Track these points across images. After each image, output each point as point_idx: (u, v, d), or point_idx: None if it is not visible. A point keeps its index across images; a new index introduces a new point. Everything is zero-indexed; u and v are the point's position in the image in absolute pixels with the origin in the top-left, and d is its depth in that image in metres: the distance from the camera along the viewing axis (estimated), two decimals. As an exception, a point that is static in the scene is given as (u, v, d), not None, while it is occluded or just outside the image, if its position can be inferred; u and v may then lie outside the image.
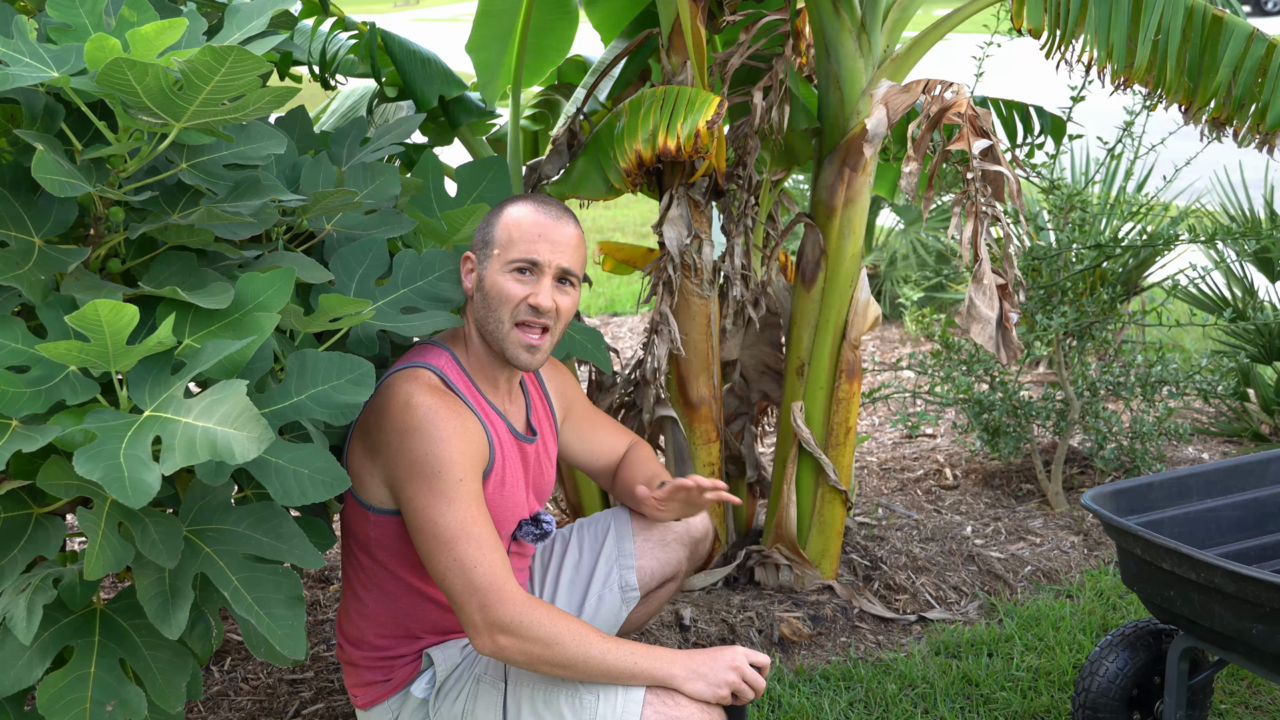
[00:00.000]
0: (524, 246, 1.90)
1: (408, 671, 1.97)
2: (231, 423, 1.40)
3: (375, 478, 1.85)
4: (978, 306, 2.57)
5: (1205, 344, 4.97)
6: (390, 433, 1.81)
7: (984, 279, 2.57)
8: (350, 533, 1.95)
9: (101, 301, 1.42)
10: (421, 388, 1.83)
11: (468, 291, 1.97)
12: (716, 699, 1.74)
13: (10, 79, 1.50)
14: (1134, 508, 2.40)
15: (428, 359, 1.91)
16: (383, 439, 1.82)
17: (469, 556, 1.73)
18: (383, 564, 1.92)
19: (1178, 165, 4.09)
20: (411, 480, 1.77)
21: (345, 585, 2.00)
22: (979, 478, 3.99)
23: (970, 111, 2.58)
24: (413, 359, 1.91)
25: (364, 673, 1.97)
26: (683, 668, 1.75)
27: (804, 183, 5.41)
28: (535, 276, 1.91)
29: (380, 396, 1.85)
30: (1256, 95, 2.69)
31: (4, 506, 1.61)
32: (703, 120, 2.56)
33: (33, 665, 1.59)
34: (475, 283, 1.96)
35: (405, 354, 1.96)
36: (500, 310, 1.90)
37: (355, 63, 2.95)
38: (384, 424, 1.82)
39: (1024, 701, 2.69)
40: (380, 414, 1.83)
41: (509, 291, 1.90)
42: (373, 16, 3.80)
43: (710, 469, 3.10)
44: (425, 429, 1.78)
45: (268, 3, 1.73)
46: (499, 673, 1.93)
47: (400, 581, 1.93)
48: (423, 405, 1.80)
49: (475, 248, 1.97)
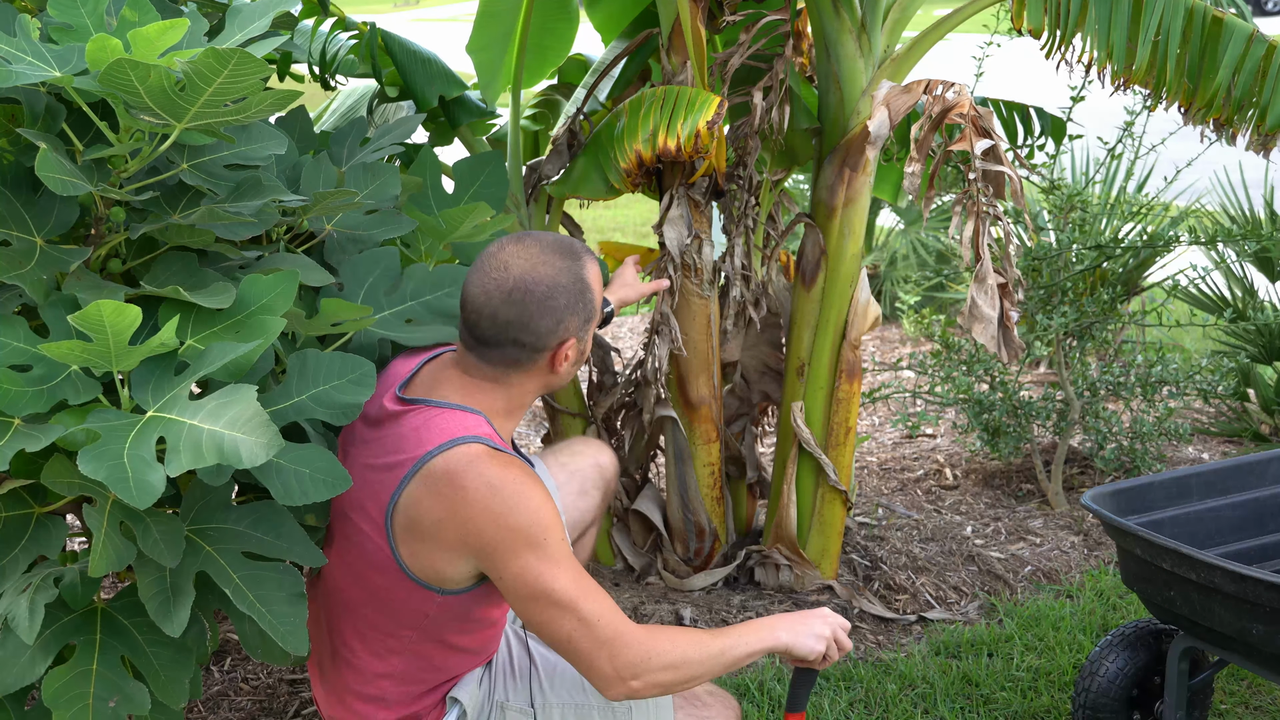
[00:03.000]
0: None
1: (433, 718, 1.93)
2: (240, 427, 1.40)
3: (460, 567, 1.73)
4: (979, 306, 2.57)
5: (1205, 344, 4.97)
6: (482, 519, 1.67)
7: (985, 279, 2.58)
8: (394, 613, 1.81)
9: (104, 302, 1.42)
10: (490, 463, 1.70)
11: (561, 374, 1.82)
12: (818, 655, 1.78)
13: (12, 77, 1.50)
14: (1134, 508, 2.40)
15: (469, 430, 1.73)
16: (471, 528, 1.68)
17: (590, 613, 1.68)
18: (432, 635, 1.83)
19: (1178, 166, 4.09)
20: (517, 555, 1.67)
21: (358, 654, 1.86)
22: (979, 478, 3.99)
23: (973, 112, 2.59)
24: (451, 435, 1.72)
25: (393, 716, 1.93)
26: (787, 630, 1.77)
27: (804, 183, 5.41)
28: None
29: (447, 488, 1.69)
30: (1256, 96, 2.69)
31: (6, 506, 1.61)
32: (703, 120, 2.56)
33: (34, 663, 1.59)
34: (575, 358, 1.83)
35: (432, 419, 1.75)
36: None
37: (355, 63, 2.95)
38: (466, 513, 1.68)
39: (1024, 701, 2.69)
40: (455, 505, 1.69)
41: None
42: (373, 16, 3.80)
43: (710, 469, 3.10)
44: (520, 504, 1.68)
45: (269, 4, 1.73)
46: (524, 699, 1.92)
47: (445, 645, 1.85)
48: (505, 479, 1.69)
49: (578, 330, 1.80)
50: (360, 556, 1.79)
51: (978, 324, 2.57)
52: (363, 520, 1.77)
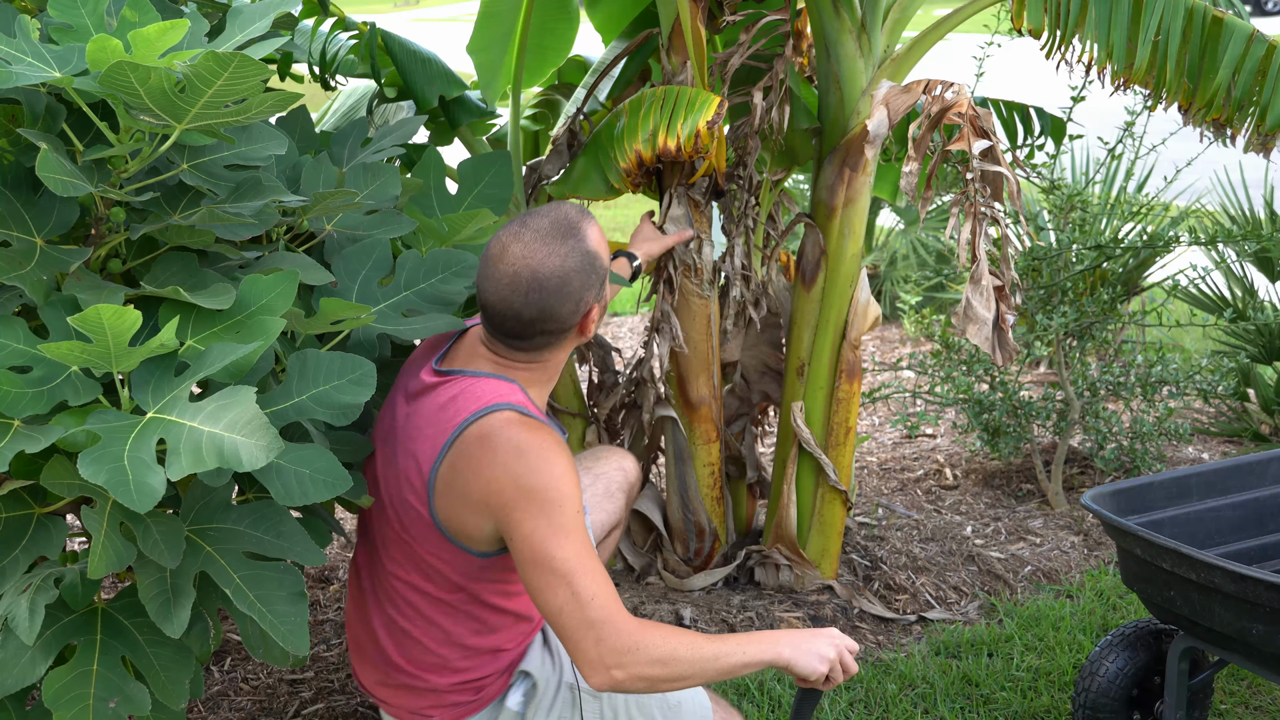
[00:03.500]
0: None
1: (497, 687, 1.94)
2: (240, 429, 1.40)
3: (484, 527, 1.78)
4: (974, 307, 2.58)
5: (1205, 344, 4.97)
6: (503, 478, 1.73)
7: (981, 280, 2.58)
8: (441, 577, 1.86)
9: (104, 305, 1.42)
10: (520, 427, 1.76)
11: (587, 337, 1.90)
12: (821, 675, 1.75)
13: (12, 78, 1.50)
14: (1134, 508, 2.40)
15: (503, 398, 1.79)
16: (493, 486, 1.74)
17: (586, 590, 1.68)
18: (476, 597, 1.87)
19: (1178, 166, 4.09)
20: (530, 517, 1.71)
21: (415, 623, 1.90)
22: (979, 478, 3.99)
23: (971, 112, 2.59)
24: (487, 402, 1.79)
25: (447, 695, 1.92)
26: (790, 646, 1.75)
27: (804, 183, 5.41)
28: None
29: (477, 449, 1.75)
30: (1256, 96, 2.69)
31: (6, 507, 1.61)
32: (703, 120, 2.56)
33: (35, 664, 1.59)
34: (600, 314, 1.90)
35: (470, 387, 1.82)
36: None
37: (355, 63, 2.95)
38: (490, 473, 1.74)
39: (1024, 701, 2.69)
40: (481, 464, 1.75)
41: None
42: (373, 16, 3.80)
43: (710, 469, 3.10)
44: (541, 467, 1.73)
45: (270, 4, 1.73)
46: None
47: (490, 608, 1.89)
48: (532, 443, 1.74)
49: (597, 295, 1.86)
50: (407, 524, 1.84)
51: (972, 325, 2.57)
52: (408, 490, 1.83)
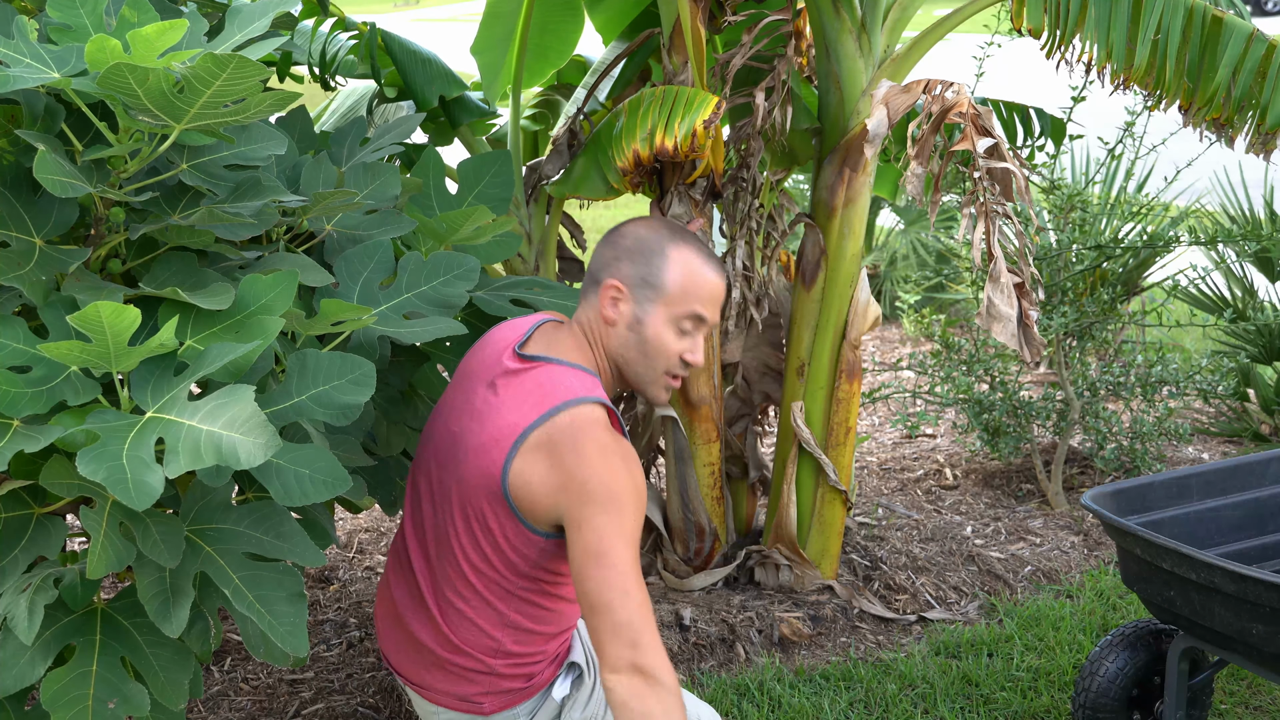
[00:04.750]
0: (699, 306, 1.87)
1: (547, 675, 1.96)
2: (238, 428, 1.40)
3: (552, 510, 1.80)
4: (997, 305, 2.55)
5: (1205, 344, 4.97)
6: (586, 473, 1.75)
7: (1000, 277, 2.56)
8: (502, 556, 1.87)
9: (103, 303, 1.42)
10: (607, 431, 1.79)
11: (609, 320, 1.88)
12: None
13: (11, 80, 1.50)
14: (1134, 508, 2.40)
15: (590, 392, 1.82)
16: (576, 476, 1.76)
17: (636, 593, 1.71)
18: (537, 581, 1.89)
19: (1178, 166, 4.09)
20: (600, 514, 1.73)
21: (467, 601, 1.91)
22: (979, 478, 3.99)
23: (972, 111, 2.58)
24: (584, 390, 1.81)
25: (502, 680, 1.93)
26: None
27: (804, 183, 5.41)
28: (695, 332, 1.89)
29: (568, 437, 1.77)
30: (1256, 96, 2.69)
31: (5, 506, 1.61)
32: (700, 120, 2.56)
33: (34, 664, 1.59)
34: (627, 320, 1.88)
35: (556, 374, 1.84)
36: (657, 361, 1.89)
37: (355, 63, 2.95)
38: (574, 463, 1.76)
39: (1024, 701, 2.69)
40: (570, 457, 1.77)
41: (671, 346, 1.88)
42: (373, 16, 3.80)
43: (711, 469, 3.10)
44: (621, 474, 1.76)
45: (269, 4, 1.73)
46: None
47: (554, 597, 1.92)
48: (618, 448, 1.78)
49: (630, 282, 1.86)
50: (471, 499, 1.85)
51: (996, 323, 2.54)
52: (486, 461, 1.82)
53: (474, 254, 2.18)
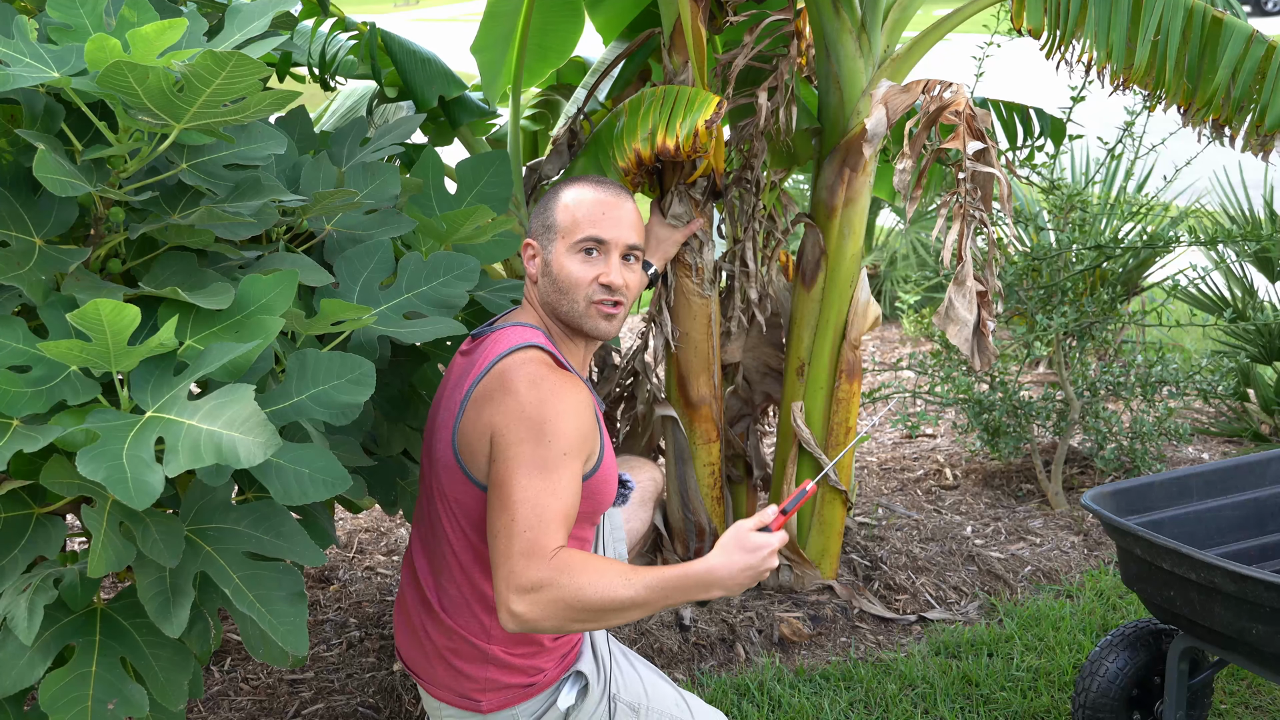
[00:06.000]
0: (588, 226, 1.91)
1: (550, 676, 1.96)
2: (238, 427, 1.40)
3: (485, 453, 1.82)
4: (956, 308, 2.58)
5: (1205, 344, 4.97)
6: (510, 404, 1.78)
7: (965, 282, 2.58)
8: (470, 523, 1.88)
9: (103, 301, 1.42)
10: (540, 365, 1.83)
11: (532, 277, 1.97)
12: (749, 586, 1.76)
13: (11, 80, 1.50)
14: (1134, 508, 2.40)
15: (526, 339, 1.87)
16: (501, 409, 1.78)
17: (521, 522, 1.69)
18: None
19: (1178, 166, 4.09)
20: (516, 442, 1.74)
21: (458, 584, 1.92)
22: (979, 478, 3.99)
23: (968, 111, 2.58)
24: (520, 340, 1.87)
25: (499, 673, 1.92)
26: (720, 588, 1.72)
27: (804, 183, 5.41)
28: (603, 255, 1.92)
29: (497, 381, 1.82)
30: (1256, 97, 2.69)
31: (5, 506, 1.61)
32: (701, 120, 2.56)
33: (34, 665, 1.59)
34: (540, 268, 1.96)
35: (499, 335, 1.91)
36: (574, 292, 1.92)
37: (355, 63, 2.95)
38: (506, 402, 1.78)
39: (1024, 701, 2.69)
40: (499, 394, 1.80)
41: (579, 274, 1.91)
42: (373, 16, 3.80)
43: (710, 469, 3.10)
44: (549, 400, 1.77)
45: (269, 4, 1.73)
46: (635, 698, 2.02)
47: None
48: (548, 379, 1.80)
49: (535, 234, 1.97)
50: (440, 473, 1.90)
51: (952, 325, 2.58)
52: (444, 434, 1.88)
53: (474, 254, 2.18)
